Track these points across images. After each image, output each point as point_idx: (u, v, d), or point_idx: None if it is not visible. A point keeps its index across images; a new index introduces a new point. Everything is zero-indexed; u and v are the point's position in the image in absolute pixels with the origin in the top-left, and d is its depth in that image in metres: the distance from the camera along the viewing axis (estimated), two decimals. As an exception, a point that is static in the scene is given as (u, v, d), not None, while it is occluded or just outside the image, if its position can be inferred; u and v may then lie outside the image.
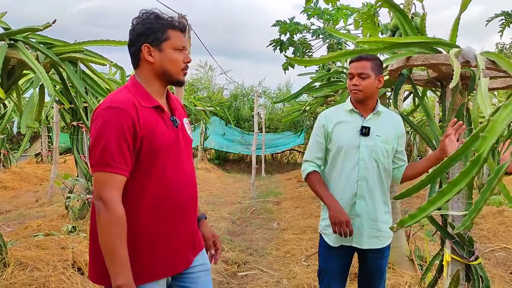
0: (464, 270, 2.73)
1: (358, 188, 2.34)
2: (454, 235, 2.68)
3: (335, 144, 2.39)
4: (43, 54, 3.07)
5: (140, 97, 1.62)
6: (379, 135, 2.36)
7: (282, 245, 5.38)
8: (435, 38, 2.49)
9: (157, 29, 1.63)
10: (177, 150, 1.69)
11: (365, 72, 2.32)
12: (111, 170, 1.50)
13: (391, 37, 3.80)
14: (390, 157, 2.40)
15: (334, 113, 2.50)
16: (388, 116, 2.46)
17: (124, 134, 1.52)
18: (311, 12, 8.12)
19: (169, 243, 1.68)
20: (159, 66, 1.65)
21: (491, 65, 2.41)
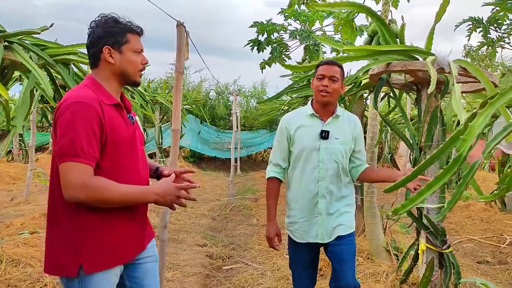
0: (438, 258, 2.99)
1: (319, 188, 2.46)
2: (429, 226, 2.95)
3: (297, 147, 2.51)
4: (37, 56, 3.14)
5: (101, 95, 1.71)
6: (337, 137, 2.47)
7: (263, 240, 5.56)
8: (413, 46, 2.73)
9: (116, 33, 1.74)
10: (133, 145, 1.81)
11: (336, 76, 2.43)
12: (80, 160, 1.57)
13: (369, 42, 4.05)
14: (347, 157, 2.52)
15: (295, 117, 2.59)
16: (346, 119, 2.57)
17: (92, 127, 1.60)
18: (289, 14, 8.34)
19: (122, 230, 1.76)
20: (119, 67, 1.76)
21: (462, 71, 2.67)
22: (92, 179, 1.59)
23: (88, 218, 1.67)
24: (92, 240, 1.67)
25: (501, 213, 6.83)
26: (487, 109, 1.30)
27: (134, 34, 1.79)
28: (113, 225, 1.73)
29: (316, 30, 8.97)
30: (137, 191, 1.70)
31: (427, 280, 2.86)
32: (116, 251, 1.74)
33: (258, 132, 16.61)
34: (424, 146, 2.97)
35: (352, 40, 4.92)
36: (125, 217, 1.76)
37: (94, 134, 1.61)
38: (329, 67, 2.44)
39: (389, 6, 4.00)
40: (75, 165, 1.56)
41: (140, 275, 1.91)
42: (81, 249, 1.65)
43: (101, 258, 1.69)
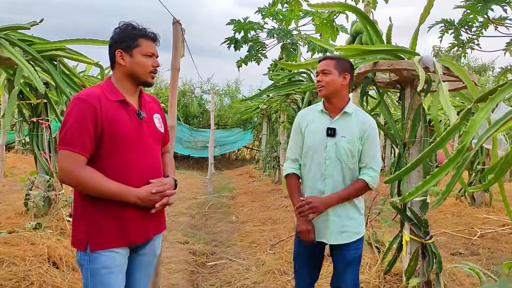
0: (420, 248, 3.14)
1: (325, 186, 2.41)
2: (413, 218, 3.09)
3: (306, 143, 2.49)
4: (24, 51, 3.10)
5: (108, 92, 1.91)
6: (344, 136, 2.39)
7: (245, 236, 5.63)
8: (399, 46, 2.85)
9: (129, 38, 1.93)
10: (138, 139, 1.95)
11: (327, 69, 2.38)
12: (70, 148, 1.80)
13: (351, 41, 4.18)
14: (355, 157, 2.40)
15: (307, 113, 2.58)
16: (357, 117, 2.45)
17: (84, 120, 1.80)
18: (266, 13, 8.40)
19: (123, 216, 1.91)
20: (129, 68, 1.94)
21: (445, 70, 2.81)
22: (79, 168, 1.81)
23: (94, 203, 1.88)
24: (96, 222, 1.89)
25: (471, 208, 7.14)
26: (488, 104, 1.41)
27: (146, 39, 1.95)
28: (115, 211, 1.89)
29: (292, 29, 9.08)
30: (117, 190, 1.85)
31: (412, 269, 2.99)
32: (116, 234, 1.91)
33: (232, 131, 16.65)
34: (408, 142, 3.11)
35: (334, 39, 5.05)
36: (128, 205, 1.90)
37: (87, 126, 1.80)
38: (321, 62, 2.44)
39: (370, 7, 4.13)
40: (67, 153, 1.80)
41: (136, 264, 2.08)
42: (87, 229, 1.89)
43: (102, 238, 1.89)
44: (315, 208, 2.33)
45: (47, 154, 5.42)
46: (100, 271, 1.90)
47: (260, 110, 8.90)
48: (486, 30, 6.81)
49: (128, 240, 1.96)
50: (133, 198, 1.87)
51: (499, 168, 1.64)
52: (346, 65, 2.43)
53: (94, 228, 1.90)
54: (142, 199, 1.89)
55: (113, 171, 1.87)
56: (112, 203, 1.88)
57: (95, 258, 1.89)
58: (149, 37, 1.97)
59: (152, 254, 2.15)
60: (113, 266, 1.92)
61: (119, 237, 1.93)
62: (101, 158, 1.87)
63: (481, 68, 19.21)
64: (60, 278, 3.48)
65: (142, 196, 1.89)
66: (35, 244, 4.02)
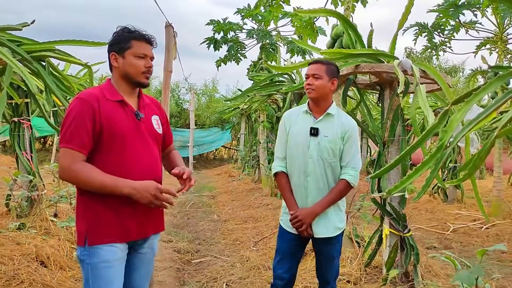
0: (399, 242, 3.31)
1: (308, 183, 2.52)
2: (392, 213, 3.26)
3: (290, 142, 2.59)
4: (13, 52, 3.13)
5: (107, 92, 1.98)
6: (326, 135, 2.51)
7: (228, 234, 5.74)
8: (380, 50, 3.02)
9: (122, 40, 1.99)
10: (136, 138, 2.00)
11: (319, 73, 2.48)
12: (68, 146, 1.86)
13: (332, 44, 4.33)
14: (336, 156, 2.52)
15: (293, 113, 2.69)
16: (339, 119, 2.57)
17: (83, 119, 1.87)
18: (245, 14, 8.52)
19: (120, 212, 1.95)
20: (122, 70, 2.00)
21: (422, 73, 2.99)
22: (76, 164, 1.86)
23: (92, 198, 1.94)
24: (94, 216, 1.95)
25: (443, 204, 7.44)
26: (464, 106, 1.57)
27: (139, 41, 2.00)
28: (113, 206, 1.94)
29: (271, 30, 9.22)
30: (112, 181, 1.88)
31: (392, 261, 3.17)
32: (114, 228, 1.96)
33: (210, 130, 16.70)
34: (387, 141, 3.28)
35: (314, 41, 5.21)
36: (126, 201, 1.93)
37: (85, 124, 1.87)
38: (312, 66, 2.54)
39: (350, 12, 4.31)
40: (66, 151, 1.87)
41: (137, 262, 2.14)
42: (86, 223, 1.95)
43: (101, 233, 1.94)
44: (302, 221, 2.47)
45: (28, 154, 5.40)
46: (100, 265, 1.95)
47: (240, 110, 8.99)
48: (457, 33, 7.12)
49: (127, 235, 2.00)
50: (128, 189, 1.87)
51: (473, 164, 1.80)
52: (335, 70, 2.56)
53: (93, 222, 1.95)
54: (138, 189, 1.88)
55: (111, 168, 1.92)
56: (112, 198, 1.91)
57: (94, 252, 1.94)
58: (142, 39, 2.01)
59: (151, 252, 2.20)
60: (112, 260, 1.97)
61: (118, 232, 1.97)
62: (100, 156, 1.93)
63: (452, 69, 19.84)
64: (49, 276, 3.51)
65: (138, 187, 1.88)
66: (20, 244, 4.03)
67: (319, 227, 2.54)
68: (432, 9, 6.55)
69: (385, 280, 3.22)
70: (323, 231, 2.54)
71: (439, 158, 1.80)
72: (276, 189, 7.80)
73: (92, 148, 1.91)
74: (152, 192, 1.90)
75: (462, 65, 20.02)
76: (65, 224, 4.78)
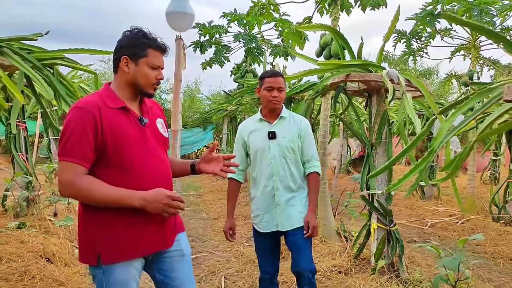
0: (386, 235, 3.63)
1: (273, 182, 2.75)
2: (379, 208, 3.58)
3: (251, 149, 2.82)
4: (24, 60, 3.30)
5: (107, 99, 1.84)
6: (284, 136, 2.76)
7: (219, 231, 5.97)
8: (369, 61, 3.33)
9: (138, 45, 1.86)
10: (143, 145, 1.89)
11: (282, 86, 2.74)
12: (69, 159, 1.73)
13: (320, 52, 4.64)
14: (297, 153, 2.78)
15: (248, 124, 2.93)
16: (292, 119, 2.84)
17: (84, 130, 1.73)
18: (231, 18, 8.77)
19: (134, 227, 1.85)
20: (132, 77, 1.87)
21: (407, 82, 3.31)
22: (78, 178, 1.73)
23: (103, 214, 1.81)
24: (107, 234, 1.82)
25: (421, 201, 7.86)
26: (450, 117, 1.87)
27: (155, 50, 1.90)
28: (126, 221, 1.83)
29: (255, 33, 9.49)
30: (121, 194, 1.76)
31: (380, 252, 3.48)
32: (129, 245, 1.85)
33: (192, 131, 16.84)
34: (375, 143, 3.59)
35: (301, 47, 5.51)
36: (139, 215, 1.83)
37: (87, 136, 1.74)
38: (276, 79, 2.73)
39: (337, 22, 4.61)
40: (66, 164, 1.74)
41: (168, 268, 2.02)
42: (98, 242, 1.83)
43: (115, 251, 1.83)
44: (315, 226, 2.70)
45: (24, 155, 5.53)
46: (115, 286, 1.84)
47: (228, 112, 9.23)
48: (433, 39, 7.54)
49: (142, 250, 1.90)
50: (139, 201, 1.76)
51: (455, 165, 2.11)
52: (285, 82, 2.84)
53: (106, 237, 1.83)
54: (149, 200, 1.77)
55: (120, 179, 1.80)
56: (121, 212, 1.81)
57: (110, 272, 1.83)
58: (158, 48, 1.91)
59: (180, 254, 2.06)
60: (129, 278, 1.87)
61: (133, 247, 1.87)
62: (105, 170, 1.81)
63: (427, 71, 20.54)
64: (58, 272, 3.70)
65: (149, 198, 1.77)
66: (24, 242, 4.19)
67: (287, 220, 2.75)
68: (410, 17, 6.92)
69: (374, 270, 3.53)
70: (291, 221, 2.75)
71: (429, 161, 2.11)
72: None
73: (94, 161, 1.79)
74: (164, 201, 1.79)
75: (436, 68, 20.76)
76: (62, 223, 4.96)
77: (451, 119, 1.83)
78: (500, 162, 7.76)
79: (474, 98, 1.75)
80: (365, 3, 4.13)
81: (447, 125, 1.84)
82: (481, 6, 6.07)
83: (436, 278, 2.33)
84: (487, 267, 4.53)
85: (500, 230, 5.59)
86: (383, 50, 3.42)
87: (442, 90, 11.33)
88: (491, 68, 8.44)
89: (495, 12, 6.26)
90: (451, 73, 8.26)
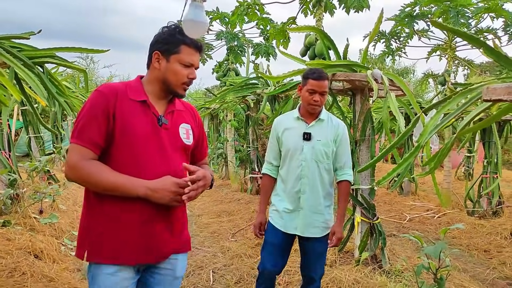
0: (369, 228, 3.79)
1: (301, 185, 2.63)
2: (363, 203, 3.73)
3: (284, 147, 2.70)
4: (16, 58, 3.31)
5: (131, 90, 1.78)
6: (319, 139, 2.62)
7: (204, 227, 6.06)
8: (354, 61, 3.47)
9: (172, 42, 1.78)
10: (153, 145, 1.76)
11: (326, 90, 2.61)
12: (77, 142, 1.69)
13: (305, 51, 4.77)
14: (330, 158, 2.65)
15: (284, 119, 2.79)
16: (330, 122, 2.70)
17: (95, 114, 1.68)
18: (213, 16, 8.83)
19: (125, 233, 1.73)
20: (163, 74, 1.79)
21: (390, 81, 3.46)
22: (82, 162, 1.67)
23: (98, 210, 1.74)
24: (96, 231, 1.74)
25: (400, 196, 8.12)
26: (435, 116, 2.02)
27: (189, 47, 1.80)
28: (118, 226, 1.73)
29: (237, 32, 9.57)
30: (123, 181, 1.69)
31: (365, 244, 3.64)
32: (116, 250, 1.73)
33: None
34: (359, 140, 3.74)
35: (286, 47, 5.65)
36: (133, 221, 1.74)
37: (97, 120, 1.68)
38: (320, 83, 2.57)
39: (321, 22, 4.75)
40: (75, 147, 1.69)
41: (155, 281, 1.89)
42: (87, 237, 1.76)
43: (100, 251, 1.73)
44: (340, 238, 2.64)
45: (6, 153, 5.50)
46: None
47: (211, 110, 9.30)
48: (411, 40, 7.77)
49: (131, 259, 1.76)
50: (143, 189, 1.68)
51: (437, 159, 2.26)
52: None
53: (95, 234, 1.75)
54: (155, 189, 1.68)
55: (122, 169, 1.71)
56: (123, 208, 1.72)
57: (96, 276, 1.75)
58: (193, 45, 1.81)
59: (171, 274, 1.90)
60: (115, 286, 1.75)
61: (120, 253, 1.74)
62: (111, 158, 1.73)
63: (404, 70, 21.01)
64: (47, 268, 3.73)
65: (154, 187, 1.68)
66: (11, 240, 4.19)
67: (306, 227, 2.64)
68: (390, 18, 7.13)
69: (358, 261, 3.68)
70: (313, 230, 2.65)
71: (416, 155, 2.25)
72: (245, 184, 8.18)
73: (105, 146, 1.71)
74: (172, 189, 1.70)
75: (413, 67, 21.26)
76: (47, 220, 4.95)
77: (435, 117, 1.98)
78: (474, 159, 8.09)
79: (457, 97, 1.89)
80: (349, 5, 4.28)
81: (432, 123, 1.98)
82: (458, 8, 6.31)
83: (419, 266, 2.48)
84: (463, 259, 4.76)
85: (474, 224, 5.85)
86: (367, 51, 3.56)
87: (419, 89, 11.69)
88: (466, 68, 8.76)
89: (471, 14, 6.52)
90: (428, 72, 8.54)
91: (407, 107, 3.62)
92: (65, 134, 9.82)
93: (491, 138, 6.02)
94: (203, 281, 4.01)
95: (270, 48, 7.63)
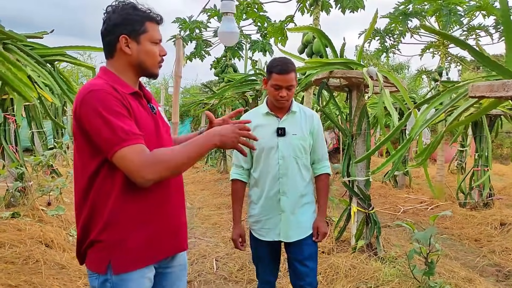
0: (365, 218, 4.00)
1: (280, 185, 2.41)
2: (359, 193, 3.93)
3: (256, 147, 2.27)
4: (29, 56, 3.49)
5: (116, 84, 1.58)
6: (295, 133, 2.42)
7: (205, 219, 6.25)
8: (350, 59, 3.66)
9: (135, 21, 1.61)
10: (157, 136, 1.68)
11: (293, 84, 2.36)
12: (128, 143, 1.48)
13: (302, 49, 4.96)
14: (308, 152, 2.47)
15: (251, 117, 2.48)
16: (303, 114, 2.50)
17: (115, 109, 1.49)
18: (211, 13, 9.00)
19: (148, 228, 1.64)
20: (136, 58, 1.63)
21: (384, 78, 3.66)
22: (150, 155, 1.50)
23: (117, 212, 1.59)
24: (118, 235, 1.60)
25: (394, 189, 8.34)
26: (426, 110, 2.21)
27: (153, 22, 1.67)
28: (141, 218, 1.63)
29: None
30: (200, 139, 1.59)
31: (361, 232, 3.85)
32: (145, 247, 1.64)
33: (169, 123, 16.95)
34: (355, 134, 3.94)
35: (284, 44, 5.83)
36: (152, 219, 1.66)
37: (124, 115, 1.51)
38: (285, 77, 2.33)
39: (318, 21, 4.94)
40: (127, 150, 1.47)
41: (169, 283, 1.85)
42: (110, 245, 1.61)
43: (129, 256, 1.61)
44: (325, 233, 2.49)
45: (14, 147, 5.66)
46: None
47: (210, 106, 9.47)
48: (404, 37, 7.98)
49: (160, 252, 1.71)
50: (218, 138, 1.60)
51: (428, 152, 2.46)
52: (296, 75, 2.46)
53: (118, 242, 1.58)
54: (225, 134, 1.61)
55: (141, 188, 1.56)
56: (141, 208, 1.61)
57: (121, 284, 1.59)
58: (155, 20, 1.68)
59: (183, 269, 1.90)
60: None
61: (149, 250, 1.65)
62: None
63: (398, 66, 21.25)
64: (58, 256, 3.91)
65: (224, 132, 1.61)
66: (22, 230, 4.38)
67: (290, 230, 2.44)
68: (384, 16, 7.33)
69: (354, 249, 3.89)
70: (295, 234, 2.45)
71: (408, 147, 2.45)
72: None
73: None
74: (236, 131, 1.65)
75: (407, 63, 21.50)
76: (54, 212, 5.15)
77: (425, 113, 2.17)
78: (467, 153, 8.32)
79: (446, 94, 2.08)
80: (345, 5, 4.46)
81: (422, 117, 2.17)
82: (450, 7, 6.52)
83: (411, 251, 2.69)
84: (454, 248, 4.98)
85: (466, 215, 6.08)
86: (363, 49, 3.75)
87: (413, 85, 11.92)
88: (458, 64, 8.98)
89: (463, 12, 6.73)
90: (421, 69, 8.75)
91: (400, 102, 3.82)
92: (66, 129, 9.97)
93: (482, 133, 6.24)
94: (207, 269, 4.20)
95: (266, 45, 7.80)
